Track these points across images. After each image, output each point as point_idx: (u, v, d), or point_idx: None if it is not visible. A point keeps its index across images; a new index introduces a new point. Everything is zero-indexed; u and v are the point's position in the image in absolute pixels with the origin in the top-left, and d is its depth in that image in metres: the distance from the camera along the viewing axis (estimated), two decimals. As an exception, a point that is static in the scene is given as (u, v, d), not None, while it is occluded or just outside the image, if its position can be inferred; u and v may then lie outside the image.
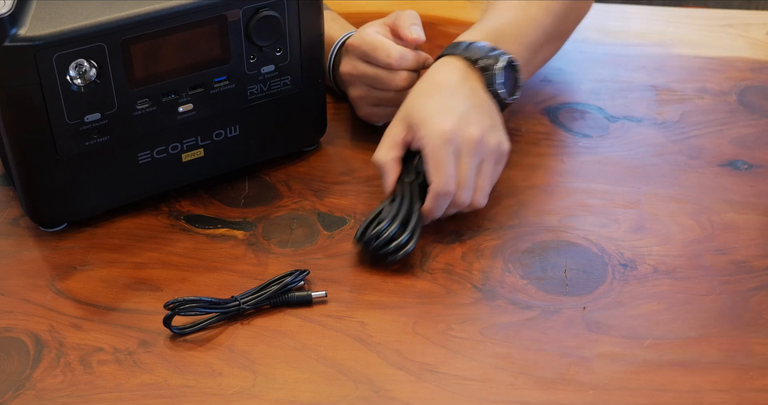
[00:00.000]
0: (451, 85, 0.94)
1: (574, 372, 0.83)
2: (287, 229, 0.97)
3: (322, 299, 0.89)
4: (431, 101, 0.92)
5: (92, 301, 0.90)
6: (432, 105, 0.92)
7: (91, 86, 0.88)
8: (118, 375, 0.83)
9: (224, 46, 0.92)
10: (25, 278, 0.92)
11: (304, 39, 0.97)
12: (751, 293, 0.90)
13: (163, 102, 0.92)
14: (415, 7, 1.19)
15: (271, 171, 1.04)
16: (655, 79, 1.17)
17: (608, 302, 0.89)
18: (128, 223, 0.98)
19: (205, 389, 0.82)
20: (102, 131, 0.91)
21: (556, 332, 0.86)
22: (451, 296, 0.90)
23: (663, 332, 0.86)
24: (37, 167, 0.90)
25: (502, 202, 1.00)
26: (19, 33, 0.83)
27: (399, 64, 0.99)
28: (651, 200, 1.00)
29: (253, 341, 0.86)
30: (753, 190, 1.01)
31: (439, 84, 0.94)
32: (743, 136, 1.08)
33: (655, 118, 1.10)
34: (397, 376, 0.83)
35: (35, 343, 0.86)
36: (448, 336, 0.86)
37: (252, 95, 0.97)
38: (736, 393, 0.81)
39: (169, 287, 0.91)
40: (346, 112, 1.11)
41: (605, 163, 1.04)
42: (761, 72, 1.17)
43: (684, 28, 1.25)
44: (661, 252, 0.94)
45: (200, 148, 0.97)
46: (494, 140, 0.92)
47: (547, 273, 0.92)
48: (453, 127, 0.90)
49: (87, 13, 0.85)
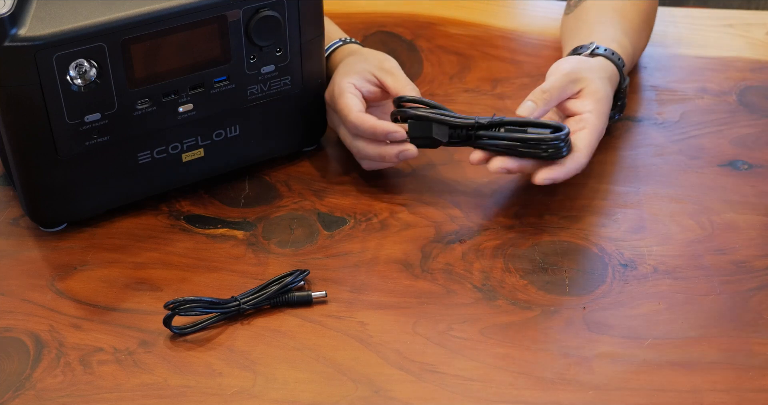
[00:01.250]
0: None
1: (574, 372, 0.83)
2: (287, 229, 0.97)
3: (322, 299, 0.89)
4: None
5: (92, 301, 0.90)
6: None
7: (91, 86, 0.88)
8: (118, 375, 0.83)
9: (224, 46, 0.92)
10: (25, 278, 0.92)
11: (304, 39, 0.97)
12: (751, 293, 0.90)
13: (163, 102, 0.92)
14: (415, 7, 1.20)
15: (271, 171, 1.04)
16: (655, 79, 1.17)
17: (608, 302, 0.89)
18: (128, 223, 0.97)
19: (205, 389, 0.82)
20: (102, 131, 0.91)
21: (556, 332, 0.86)
22: (451, 296, 0.90)
23: (663, 332, 0.86)
24: (37, 167, 0.90)
25: (502, 202, 1.00)
26: (19, 33, 0.83)
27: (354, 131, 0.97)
28: (651, 200, 1.00)
29: (253, 341, 0.86)
30: (753, 190, 1.01)
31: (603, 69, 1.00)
32: (743, 136, 1.08)
33: (655, 118, 1.10)
34: (397, 376, 0.83)
35: (35, 343, 0.86)
36: (448, 336, 0.86)
37: (252, 95, 0.97)
38: (736, 393, 0.81)
39: (169, 287, 0.91)
40: (346, 112, 1.11)
41: (605, 163, 1.04)
42: (761, 72, 1.17)
43: (684, 28, 1.25)
44: (661, 252, 0.94)
45: (200, 148, 0.97)
46: None
47: (547, 273, 0.92)
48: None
49: (87, 13, 0.85)
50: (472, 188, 1.01)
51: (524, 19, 1.28)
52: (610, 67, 1.00)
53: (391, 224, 0.97)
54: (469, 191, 1.00)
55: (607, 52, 1.01)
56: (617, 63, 1.01)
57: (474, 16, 1.26)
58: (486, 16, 1.27)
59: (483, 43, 1.21)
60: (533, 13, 1.28)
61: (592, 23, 1.07)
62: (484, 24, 1.25)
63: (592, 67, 0.98)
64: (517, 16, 1.30)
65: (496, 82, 1.14)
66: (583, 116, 0.95)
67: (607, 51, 1.01)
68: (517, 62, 1.18)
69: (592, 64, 0.99)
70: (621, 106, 1.04)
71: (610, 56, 1.01)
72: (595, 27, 1.06)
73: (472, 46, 1.21)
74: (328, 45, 1.05)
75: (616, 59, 1.01)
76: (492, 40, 1.22)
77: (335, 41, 1.05)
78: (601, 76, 0.98)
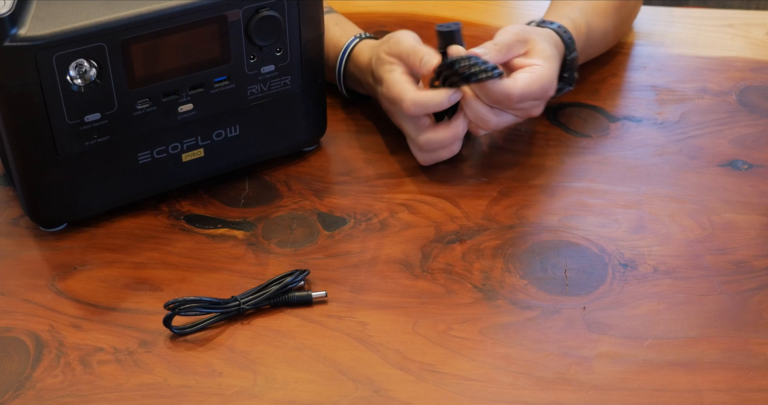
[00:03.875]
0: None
1: (574, 372, 0.83)
2: (287, 229, 0.97)
3: (322, 299, 0.89)
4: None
5: (92, 301, 0.90)
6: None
7: (91, 86, 0.88)
8: (118, 375, 0.83)
9: (224, 46, 0.92)
10: (25, 278, 0.92)
11: (304, 39, 0.97)
12: (751, 293, 0.90)
13: (163, 102, 0.92)
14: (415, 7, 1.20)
15: (271, 171, 1.04)
16: (655, 79, 1.17)
17: (608, 302, 0.89)
18: (128, 223, 0.98)
19: (205, 389, 0.82)
20: (102, 131, 0.91)
21: (556, 332, 0.86)
22: (451, 296, 0.90)
23: (663, 332, 0.86)
24: (37, 167, 0.90)
25: (502, 202, 1.00)
26: (19, 33, 0.83)
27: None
28: (651, 200, 1.00)
29: (253, 341, 0.86)
30: (753, 190, 1.01)
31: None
32: (743, 136, 1.08)
33: (655, 118, 1.10)
34: (397, 376, 0.83)
35: (35, 343, 0.86)
36: (448, 336, 0.86)
37: (252, 95, 0.97)
38: (736, 393, 0.81)
39: (169, 287, 0.91)
40: (346, 112, 1.11)
41: (605, 163, 1.04)
42: (761, 72, 1.17)
43: (684, 28, 1.25)
44: (661, 252, 0.94)
45: (200, 148, 0.97)
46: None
47: (547, 273, 0.92)
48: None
49: (87, 13, 0.85)
50: (472, 188, 1.01)
51: (524, 19, 1.28)
52: (555, 36, 1.04)
53: (391, 224, 0.97)
54: (469, 191, 1.00)
55: (552, 25, 1.05)
56: (562, 35, 1.04)
57: (474, 16, 1.26)
58: (486, 16, 1.27)
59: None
60: (533, 13, 1.28)
61: (555, 6, 1.11)
62: (484, 24, 1.25)
63: (539, 32, 1.02)
64: (517, 16, 1.30)
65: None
66: (531, 68, 0.98)
67: (554, 25, 1.05)
68: (517, 62, 1.18)
69: (539, 30, 1.02)
70: (569, 79, 1.06)
71: (555, 28, 1.05)
72: (555, 9, 1.11)
73: (472, 46, 1.20)
74: (346, 43, 1.06)
75: (561, 32, 1.05)
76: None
77: (352, 38, 1.06)
78: (547, 40, 1.01)
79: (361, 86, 1.07)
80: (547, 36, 1.02)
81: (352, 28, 1.09)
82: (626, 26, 1.20)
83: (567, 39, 1.04)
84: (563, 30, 1.05)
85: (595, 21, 1.11)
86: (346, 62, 1.06)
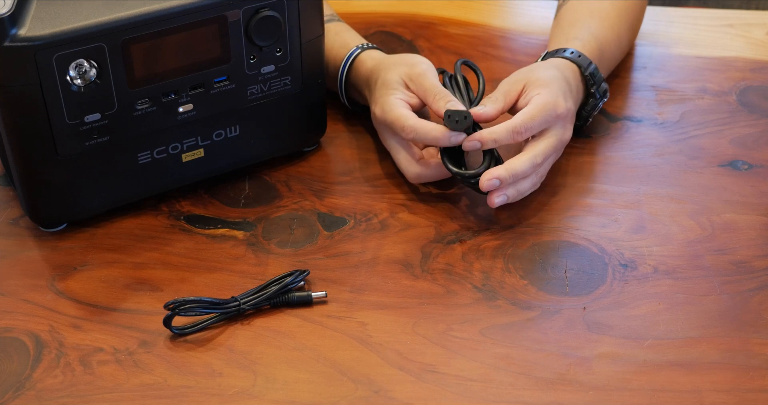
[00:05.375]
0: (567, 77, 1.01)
1: (574, 372, 0.83)
2: (287, 229, 0.97)
3: (322, 299, 0.89)
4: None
5: (92, 301, 0.90)
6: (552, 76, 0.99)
7: (91, 86, 0.88)
8: (118, 375, 0.83)
9: (224, 46, 0.92)
10: (25, 278, 0.92)
11: (304, 39, 0.97)
12: (751, 293, 0.90)
13: (163, 102, 0.92)
14: (415, 7, 1.20)
15: (271, 171, 1.04)
16: (655, 79, 1.17)
17: (608, 302, 0.89)
18: (128, 223, 0.98)
19: (205, 389, 0.82)
20: (102, 131, 0.91)
21: (556, 332, 0.86)
22: (451, 296, 0.90)
23: (663, 332, 0.86)
24: (37, 167, 0.90)
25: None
26: (19, 33, 0.83)
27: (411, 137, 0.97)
28: (651, 200, 1.00)
29: (253, 341, 0.86)
30: (753, 190, 1.01)
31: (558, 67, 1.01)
32: (743, 136, 1.08)
33: (655, 118, 1.10)
34: (397, 376, 0.83)
35: (35, 343, 0.86)
36: (448, 336, 0.86)
37: (252, 95, 0.97)
38: (736, 393, 0.81)
39: (169, 287, 0.91)
40: (346, 112, 1.11)
41: (605, 163, 1.04)
42: (761, 72, 1.17)
43: (684, 28, 1.25)
44: (661, 252, 0.94)
45: (200, 148, 0.97)
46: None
47: (548, 273, 0.92)
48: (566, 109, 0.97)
49: (87, 13, 0.85)
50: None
51: (524, 19, 1.28)
52: (557, 61, 1.02)
53: (391, 224, 0.97)
54: (469, 191, 1.00)
55: (557, 55, 1.03)
56: (569, 58, 1.02)
57: (474, 16, 1.26)
58: (486, 16, 1.27)
59: (483, 43, 1.21)
60: (533, 13, 1.28)
61: (563, 28, 1.09)
62: (483, 24, 1.25)
63: (533, 66, 1.01)
64: (517, 16, 1.30)
65: (496, 82, 1.14)
66: (531, 99, 0.96)
67: (558, 53, 1.03)
68: (516, 62, 1.18)
69: (534, 65, 1.01)
70: (598, 92, 1.03)
71: (560, 56, 1.03)
72: (564, 30, 1.08)
73: (472, 46, 1.21)
74: (347, 53, 1.05)
75: (568, 55, 1.02)
76: (492, 40, 1.22)
77: (353, 49, 1.05)
78: (544, 67, 1.00)
79: (361, 97, 1.07)
80: (545, 63, 1.01)
81: (354, 39, 1.08)
82: (636, 30, 1.18)
83: (575, 58, 1.02)
84: (569, 52, 1.03)
85: (605, 36, 1.08)
86: (348, 73, 1.05)
